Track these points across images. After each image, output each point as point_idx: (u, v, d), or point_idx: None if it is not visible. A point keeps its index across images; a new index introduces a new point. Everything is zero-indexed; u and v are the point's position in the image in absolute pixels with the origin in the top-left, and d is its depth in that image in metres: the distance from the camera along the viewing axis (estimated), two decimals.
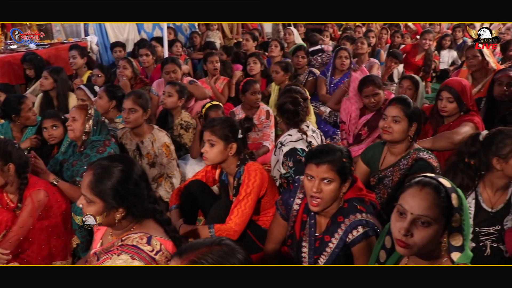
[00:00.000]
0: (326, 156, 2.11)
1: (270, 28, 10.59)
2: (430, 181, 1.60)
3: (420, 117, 2.83)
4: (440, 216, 1.55)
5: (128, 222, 1.83)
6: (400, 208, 1.61)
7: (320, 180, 2.11)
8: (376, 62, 5.76)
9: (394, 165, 2.81)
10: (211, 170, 2.97)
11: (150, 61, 5.58)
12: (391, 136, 2.76)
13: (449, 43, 7.76)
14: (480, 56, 4.68)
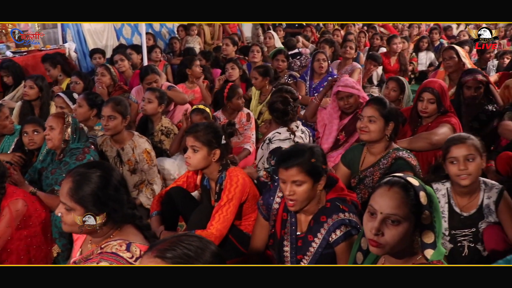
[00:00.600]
0: (294, 159, 2.13)
1: (250, 32, 10.63)
2: (398, 180, 1.63)
3: (397, 116, 2.87)
4: (409, 214, 1.58)
5: (108, 229, 1.81)
6: (370, 208, 1.63)
7: (291, 183, 2.13)
8: (358, 66, 5.79)
9: (374, 165, 2.84)
10: (193, 176, 2.96)
11: (126, 66, 5.53)
12: (368, 135, 2.79)
13: (426, 45, 7.89)
14: (457, 58, 4.78)
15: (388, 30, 9.80)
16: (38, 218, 2.82)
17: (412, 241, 1.62)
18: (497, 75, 5.68)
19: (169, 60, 7.27)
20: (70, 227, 1.78)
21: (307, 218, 2.24)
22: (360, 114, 2.88)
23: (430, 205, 1.62)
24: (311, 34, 9.16)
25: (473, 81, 3.98)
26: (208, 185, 2.82)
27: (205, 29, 8.80)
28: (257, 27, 10.31)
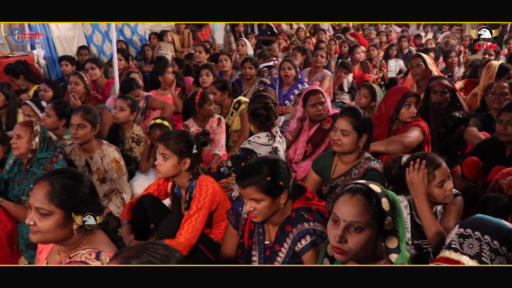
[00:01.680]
0: (249, 178, 2.14)
1: (222, 39, 10.66)
2: (361, 188, 1.66)
3: (371, 128, 2.87)
4: (372, 220, 1.61)
5: (80, 235, 1.78)
6: (333, 216, 1.65)
7: (249, 200, 2.15)
8: (328, 74, 5.86)
9: (346, 174, 2.86)
10: (163, 183, 2.95)
11: (97, 74, 5.48)
12: (341, 148, 2.80)
13: (396, 52, 8.04)
14: (424, 65, 4.89)
15: (357, 38, 9.95)
16: (4, 230, 2.76)
17: (376, 246, 1.65)
18: (462, 82, 5.84)
19: (140, 67, 7.22)
20: (44, 235, 1.73)
21: (275, 228, 2.26)
22: (334, 125, 2.87)
23: (392, 211, 1.65)
24: (283, 41, 9.23)
25: (439, 85, 4.09)
26: (179, 193, 2.81)
27: (174, 37, 8.77)
28: (229, 35, 10.36)
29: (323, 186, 2.99)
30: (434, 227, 2.30)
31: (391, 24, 12.45)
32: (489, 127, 3.74)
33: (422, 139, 3.37)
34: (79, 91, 4.85)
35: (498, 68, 4.78)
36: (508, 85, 4.04)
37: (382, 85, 7.64)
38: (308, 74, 5.92)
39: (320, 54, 5.87)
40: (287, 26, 11.02)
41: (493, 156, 3.34)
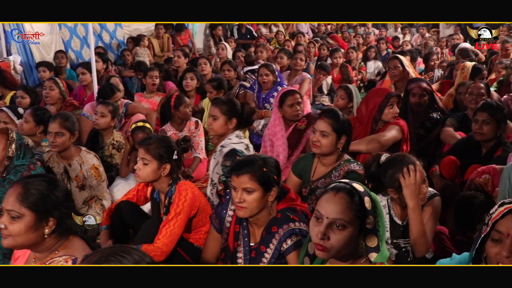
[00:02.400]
0: (246, 166, 2.17)
1: (202, 44, 10.65)
2: (344, 186, 1.68)
3: (350, 129, 2.89)
4: (354, 219, 1.63)
5: (54, 241, 1.76)
6: (316, 213, 1.67)
7: (242, 190, 2.16)
8: (308, 76, 5.89)
9: (326, 177, 2.87)
10: (143, 188, 2.94)
11: (88, 79, 5.39)
12: (320, 150, 2.82)
13: (374, 54, 8.12)
14: (401, 67, 4.96)
15: (336, 41, 10.03)
16: None
17: (356, 245, 1.67)
18: (439, 83, 5.93)
19: (120, 72, 7.17)
20: (15, 239, 1.70)
21: (260, 229, 2.26)
22: (313, 127, 2.89)
23: (374, 210, 1.68)
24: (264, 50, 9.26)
25: (417, 88, 4.15)
26: (158, 198, 2.81)
27: (153, 42, 8.73)
28: (208, 39, 10.36)
29: (303, 188, 3.00)
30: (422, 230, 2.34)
31: (369, 26, 12.60)
32: (466, 127, 3.81)
33: (400, 137, 3.40)
34: (53, 96, 4.78)
35: (471, 69, 4.88)
36: (484, 85, 4.12)
37: (361, 87, 7.72)
38: (287, 77, 5.94)
39: (300, 57, 5.92)
40: (266, 30, 11.06)
41: (469, 155, 3.41)
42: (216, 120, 3.20)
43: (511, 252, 1.49)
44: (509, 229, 1.51)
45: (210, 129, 3.27)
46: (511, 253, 1.49)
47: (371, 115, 3.52)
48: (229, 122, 3.21)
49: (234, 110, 3.23)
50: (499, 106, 3.42)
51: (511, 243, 1.50)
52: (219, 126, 3.21)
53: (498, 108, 3.38)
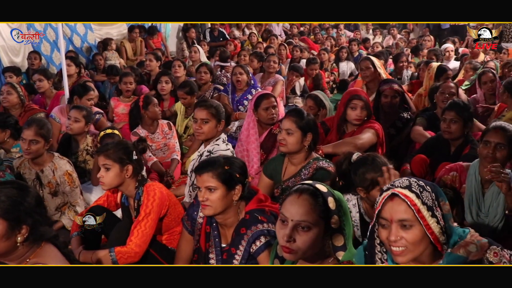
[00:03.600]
0: (207, 165, 2.22)
1: (175, 47, 10.60)
2: (307, 188, 1.71)
3: (315, 127, 2.94)
4: (319, 219, 1.66)
5: (26, 249, 1.74)
6: (281, 216, 1.70)
7: (205, 189, 2.20)
8: (281, 78, 5.92)
9: (296, 176, 2.91)
10: (112, 195, 2.94)
11: (46, 86, 5.28)
12: (286, 148, 2.87)
13: (346, 54, 8.22)
14: (372, 68, 5.04)
15: (307, 43, 10.11)
16: None
17: (323, 245, 1.70)
18: (409, 83, 6.05)
19: (92, 76, 7.08)
20: None
21: (230, 230, 2.29)
22: (279, 127, 2.93)
23: (339, 210, 1.71)
24: (234, 47, 9.29)
25: (389, 90, 4.23)
26: (127, 202, 2.81)
27: (126, 45, 8.66)
28: (181, 41, 10.32)
29: (275, 189, 3.03)
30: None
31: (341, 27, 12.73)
32: (435, 126, 3.90)
33: (375, 141, 3.43)
34: (11, 101, 4.62)
35: (436, 69, 5.00)
36: (454, 85, 4.23)
37: (334, 88, 7.81)
38: (260, 79, 5.97)
39: (273, 60, 5.95)
40: (239, 32, 11.09)
41: (439, 153, 3.49)
42: (207, 123, 3.19)
43: (397, 234, 1.55)
44: (391, 215, 1.57)
45: (200, 133, 3.22)
46: (397, 236, 1.55)
47: (338, 115, 3.60)
48: (219, 125, 3.23)
49: (221, 112, 3.26)
50: (466, 105, 3.51)
51: (396, 227, 1.56)
52: (210, 129, 3.20)
53: (465, 107, 3.47)
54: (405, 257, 1.56)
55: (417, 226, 1.54)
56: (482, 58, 7.14)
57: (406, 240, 1.54)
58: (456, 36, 9.93)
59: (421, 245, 1.56)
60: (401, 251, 1.55)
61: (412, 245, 1.55)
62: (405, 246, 1.55)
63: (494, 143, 2.69)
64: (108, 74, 6.42)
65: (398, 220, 1.55)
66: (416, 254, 1.57)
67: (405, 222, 1.54)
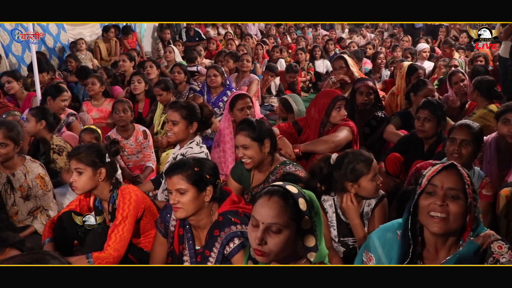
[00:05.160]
0: (176, 168, 2.21)
1: (150, 47, 10.51)
2: (277, 190, 1.71)
3: (270, 132, 2.88)
4: (290, 221, 1.65)
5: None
6: (252, 219, 1.69)
7: (175, 191, 2.19)
8: (255, 78, 5.93)
9: (264, 182, 2.89)
10: (85, 199, 2.89)
11: (16, 87, 5.17)
12: (252, 163, 2.81)
13: (320, 53, 8.27)
14: (346, 67, 5.09)
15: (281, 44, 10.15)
16: None
17: (295, 246, 1.70)
18: (383, 82, 6.12)
19: (65, 77, 6.96)
20: None
21: (204, 232, 2.28)
22: (235, 145, 2.89)
23: (310, 210, 1.71)
24: (215, 46, 9.26)
25: (364, 86, 4.29)
26: (101, 206, 2.77)
27: (100, 46, 8.54)
28: (157, 42, 10.23)
29: (245, 195, 3.01)
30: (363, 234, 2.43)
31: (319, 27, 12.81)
32: (409, 124, 3.96)
33: (351, 138, 3.47)
34: None
35: (407, 68, 5.08)
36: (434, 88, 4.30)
37: (310, 87, 7.85)
38: (235, 79, 5.96)
39: (246, 59, 5.94)
40: (215, 32, 11.06)
41: (413, 151, 3.54)
42: (176, 125, 3.16)
43: (444, 201, 1.64)
44: (443, 182, 1.67)
45: (170, 134, 3.21)
46: (444, 201, 1.64)
47: (319, 117, 3.57)
48: (190, 127, 3.19)
49: (194, 114, 3.21)
50: (439, 104, 3.58)
51: (444, 194, 1.65)
52: (180, 131, 3.17)
53: (439, 106, 3.54)
54: (443, 227, 1.64)
55: (462, 201, 1.64)
56: (456, 57, 7.26)
57: (449, 209, 1.64)
58: (430, 36, 10.10)
59: (458, 220, 1.65)
60: (441, 219, 1.63)
61: (453, 216, 1.64)
62: (447, 215, 1.64)
63: (460, 140, 2.78)
64: (78, 76, 6.31)
65: (449, 188, 1.65)
66: (451, 227, 1.65)
67: (454, 192, 1.65)
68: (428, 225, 1.67)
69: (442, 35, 9.91)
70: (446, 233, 1.68)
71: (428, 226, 1.67)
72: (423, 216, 1.69)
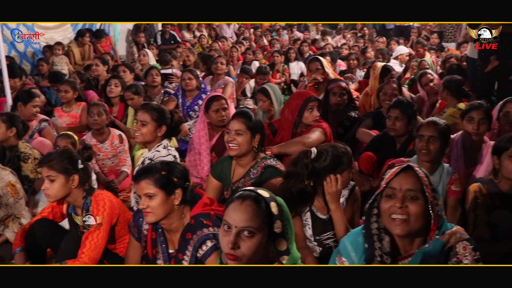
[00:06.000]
0: (144, 173, 2.21)
1: (125, 51, 10.43)
2: (250, 194, 1.72)
3: (262, 128, 2.95)
4: (262, 225, 1.67)
5: None
6: (225, 223, 1.70)
7: (144, 196, 2.18)
8: (230, 80, 5.93)
9: (245, 176, 2.91)
10: (58, 206, 2.84)
11: None
12: (238, 149, 2.84)
13: (294, 55, 8.30)
14: (321, 68, 5.14)
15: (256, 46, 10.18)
16: None
17: (267, 250, 1.71)
18: (357, 82, 6.20)
19: (37, 82, 6.85)
20: None
21: (176, 235, 2.27)
22: (228, 128, 2.92)
23: (281, 214, 1.72)
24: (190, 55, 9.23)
25: (337, 87, 4.34)
26: (75, 213, 2.72)
27: (74, 50, 8.43)
28: (131, 45, 10.16)
29: (224, 191, 3.02)
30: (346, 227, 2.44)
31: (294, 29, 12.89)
32: (381, 124, 4.01)
33: (323, 139, 3.47)
34: None
35: (381, 69, 5.16)
36: (396, 85, 4.37)
37: (285, 89, 7.87)
38: (210, 82, 5.95)
39: (220, 61, 5.94)
40: (190, 35, 11.03)
41: (385, 150, 3.60)
42: (145, 126, 3.14)
43: (403, 203, 1.68)
44: (401, 185, 1.70)
45: (137, 135, 3.19)
46: (403, 203, 1.68)
47: (292, 118, 3.58)
48: (159, 130, 3.17)
49: (164, 117, 3.19)
50: (409, 103, 3.64)
51: (403, 196, 1.69)
52: (148, 132, 3.14)
53: (409, 105, 3.60)
54: (405, 228, 1.67)
55: (421, 201, 1.68)
56: (428, 57, 7.39)
57: (409, 210, 1.67)
58: (401, 36, 10.25)
59: (419, 220, 1.68)
60: (402, 221, 1.67)
61: (414, 217, 1.67)
62: (407, 216, 1.67)
63: (427, 137, 2.85)
64: (50, 80, 6.21)
65: (407, 190, 1.69)
66: (413, 227, 1.68)
67: (413, 193, 1.68)
68: (391, 228, 1.70)
69: (414, 35, 10.08)
70: (410, 234, 1.71)
71: (391, 229, 1.70)
72: (385, 219, 1.72)
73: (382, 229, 1.76)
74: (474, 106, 3.34)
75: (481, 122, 3.28)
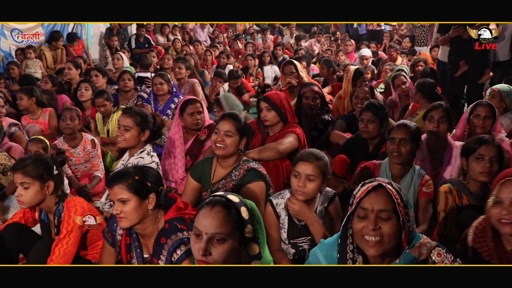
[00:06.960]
0: (117, 178, 2.18)
1: (98, 54, 10.30)
2: (219, 200, 1.72)
3: (249, 132, 2.99)
4: (233, 230, 1.68)
5: None
6: (195, 230, 1.70)
7: (117, 201, 2.16)
8: (195, 81, 5.91)
9: (226, 177, 2.91)
10: (29, 211, 2.79)
11: None
12: (226, 150, 2.85)
13: (269, 58, 8.33)
14: (296, 72, 5.18)
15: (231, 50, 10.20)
16: None
17: (239, 255, 1.72)
18: (330, 85, 6.26)
19: (8, 86, 6.70)
20: None
21: (151, 240, 2.25)
22: (217, 128, 2.92)
23: (252, 219, 1.74)
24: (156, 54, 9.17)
25: (310, 91, 4.38)
26: (47, 219, 2.69)
27: (46, 53, 8.27)
28: (104, 49, 10.04)
29: (203, 192, 3.01)
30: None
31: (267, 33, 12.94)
32: (354, 126, 4.07)
33: (297, 145, 3.47)
34: None
35: (353, 73, 5.24)
36: (368, 89, 4.44)
37: (259, 92, 7.89)
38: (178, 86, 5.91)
39: (178, 66, 5.93)
40: (164, 39, 10.97)
41: (358, 152, 3.65)
42: (128, 131, 3.11)
43: (376, 224, 1.64)
44: (373, 205, 1.65)
45: (121, 140, 3.15)
46: (376, 225, 1.64)
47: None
48: (142, 134, 3.15)
49: (147, 122, 3.17)
50: (381, 106, 3.70)
51: (375, 217, 1.64)
52: (132, 137, 3.12)
53: (381, 107, 3.66)
54: (378, 249, 1.63)
55: (394, 220, 1.63)
56: (399, 61, 7.53)
57: (383, 231, 1.62)
58: (374, 41, 10.40)
59: (393, 239, 1.64)
60: (376, 242, 1.63)
61: (388, 237, 1.63)
62: (381, 237, 1.62)
63: (398, 139, 2.91)
64: (21, 84, 6.08)
65: (379, 210, 1.64)
66: (387, 247, 1.65)
67: (385, 213, 1.63)
68: (364, 249, 1.67)
69: (387, 39, 10.25)
70: (384, 253, 1.68)
71: (364, 250, 1.67)
72: (358, 239, 1.69)
73: (356, 248, 1.73)
74: (434, 106, 3.48)
75: (441, 121, 3.40)
